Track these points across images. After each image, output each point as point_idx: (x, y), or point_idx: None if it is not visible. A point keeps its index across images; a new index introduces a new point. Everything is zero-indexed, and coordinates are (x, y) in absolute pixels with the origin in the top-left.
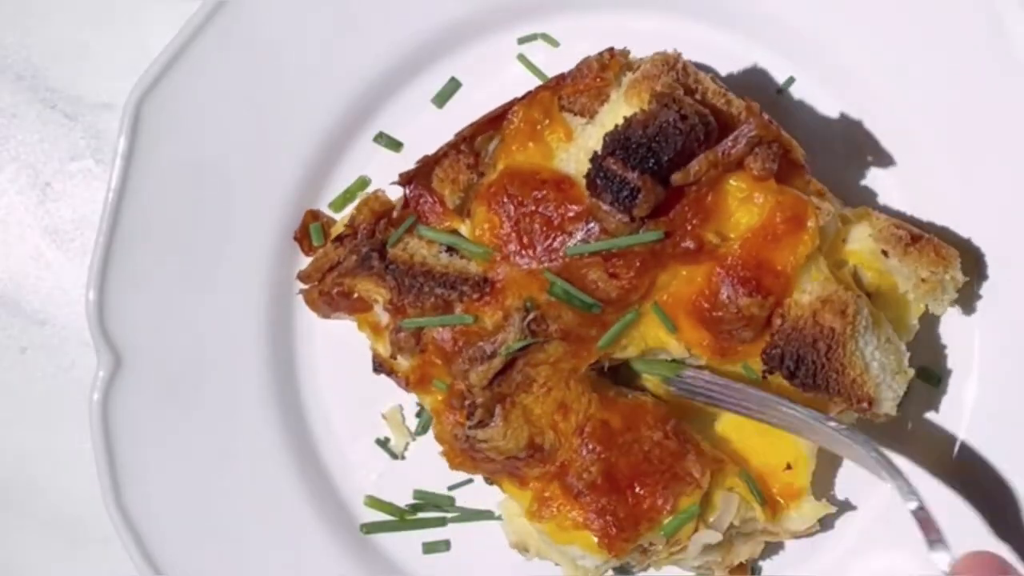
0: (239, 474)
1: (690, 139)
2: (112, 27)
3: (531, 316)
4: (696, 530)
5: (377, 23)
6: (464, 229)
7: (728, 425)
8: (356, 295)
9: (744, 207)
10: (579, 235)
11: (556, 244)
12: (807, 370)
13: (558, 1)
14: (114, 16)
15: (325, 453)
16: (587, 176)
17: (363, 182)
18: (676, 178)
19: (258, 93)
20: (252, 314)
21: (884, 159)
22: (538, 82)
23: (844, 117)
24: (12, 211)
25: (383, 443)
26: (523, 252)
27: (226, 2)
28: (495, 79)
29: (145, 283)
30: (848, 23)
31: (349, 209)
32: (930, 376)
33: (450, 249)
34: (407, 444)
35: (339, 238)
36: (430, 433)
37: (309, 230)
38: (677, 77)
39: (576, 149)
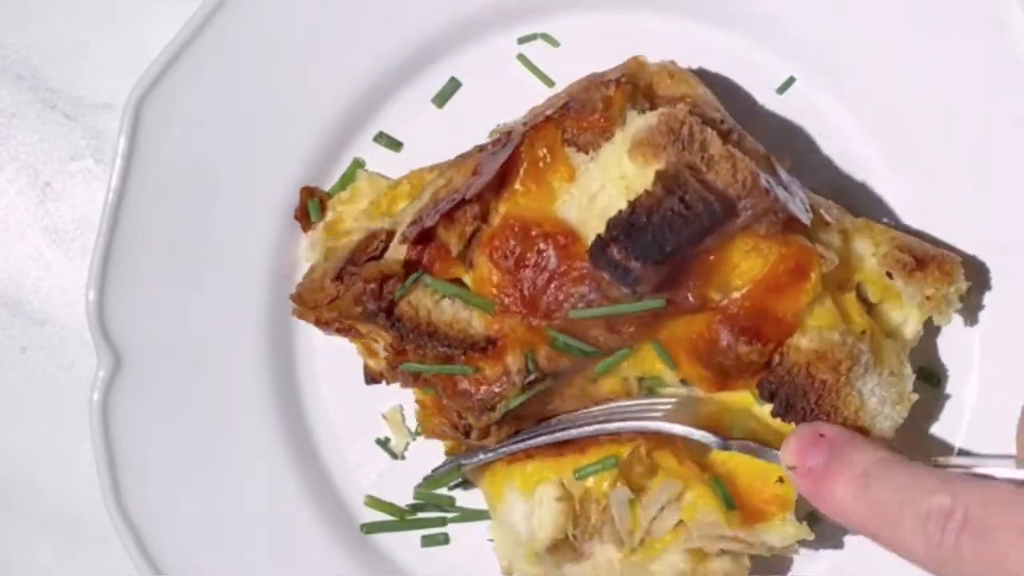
0: (239, 474)
1: (694, 226)
2: (112, 27)
3: (531, 377)
4: (613, 488)
5: (377, 23)
6: (468, 278)
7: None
8: (355, 330)
9: (749, 258)
10: (581, 295)
11: (558, 301)
12: (796, 415)
13: (558, 1)
14: (114, 16)
15: (325, 453)
16: (589, 252)
17: (358, 163)
18: (680, 257)
19: (258, 93)
20: (252, 314)
21: (883, 161)
22: (538, 82)
23: (844, 118)
24: (12, 211)
25: (383, 443)
26: (524, 310)
27: (226, 2)
28: (495, 79)
29: (145, 283)
30: (848, 23)
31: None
32: (930, 376)
33: (453, 301)
34: (407, 444)
35: (339, 276)
36: None
37: (307, 207)
38: (683, 146)
39: (579, 192)
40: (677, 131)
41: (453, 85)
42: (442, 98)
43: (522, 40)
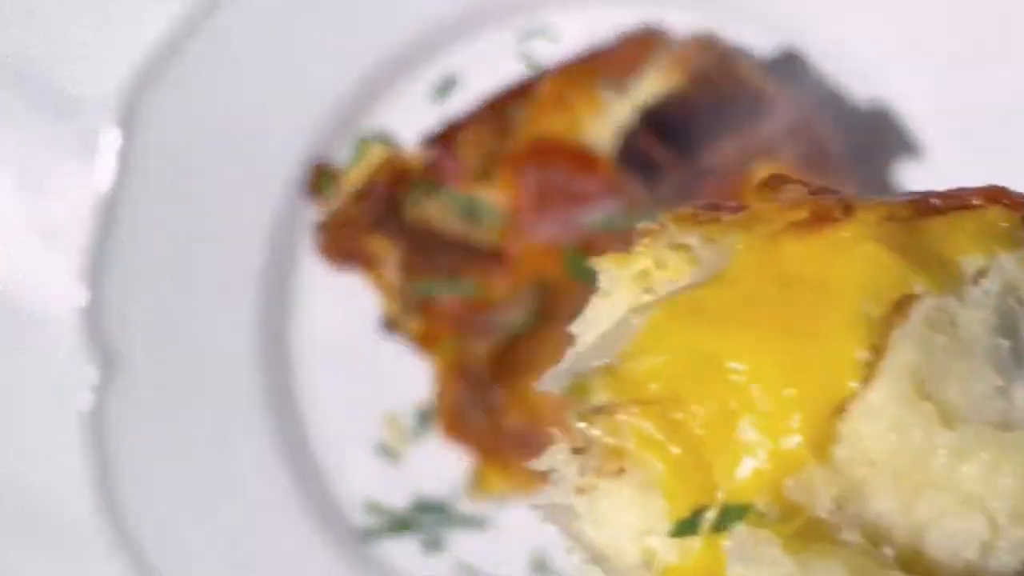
0: (236, 479)
1: (723, 121)
2: (109, 26)
3: (540, 297)
4: None
5: (376, 19)
6: (484, 196)
7: None
8: (369, 252)
9: None
10: (600, 211)
11: (576, 217)
12: None
13: None
14: (112, 15)
15: (323, 457)
16: (615, 149)
17: (366, 144)
18: (704, 160)
19: (256, 92)
20: (249, 316)
21: (884, 160)
22: None
23: (844, 117)
24: (6, 210)
25: (383, 445)
26: (542, 223)
27: (224, 1)
28: (495, 75)
29: (141, 286)
30: (849, 21)
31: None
32: None
33: (467, 216)
34: (407, 447)
35: (359, 195)
36: (430, 435)
37: (319, 182)
38: (718, 55)
39: (604, 124)
40: (713, 44)
41: (452, 81)
42: (441, 94)
43: (522, 36)
